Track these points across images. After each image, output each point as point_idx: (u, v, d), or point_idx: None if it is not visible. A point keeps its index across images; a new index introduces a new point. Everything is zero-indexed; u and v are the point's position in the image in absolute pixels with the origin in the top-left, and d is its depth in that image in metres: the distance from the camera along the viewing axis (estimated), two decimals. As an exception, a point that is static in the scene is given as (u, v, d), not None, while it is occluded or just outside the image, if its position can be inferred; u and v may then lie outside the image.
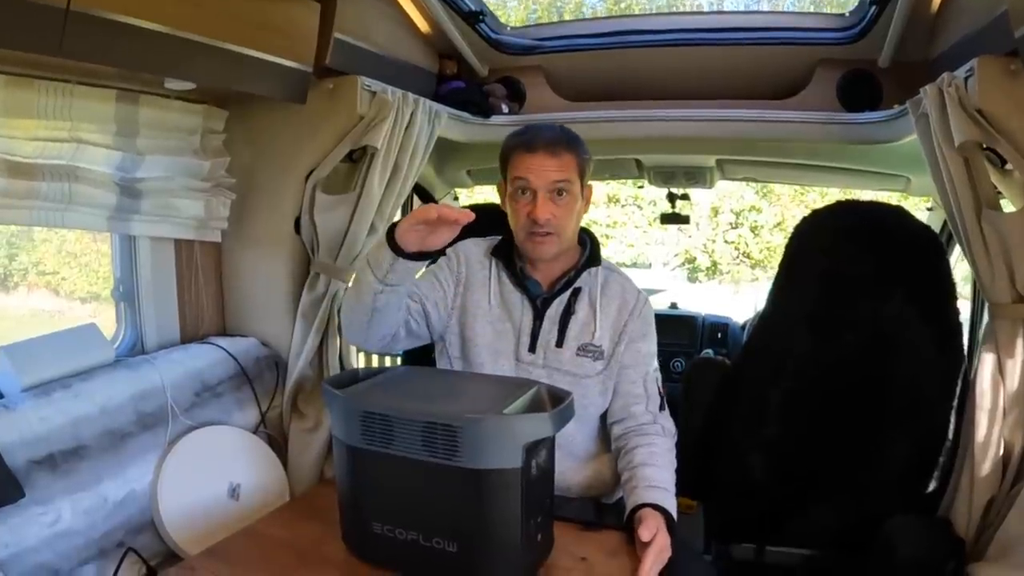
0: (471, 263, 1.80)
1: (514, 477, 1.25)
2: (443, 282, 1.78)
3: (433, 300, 1.75)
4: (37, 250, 6.81)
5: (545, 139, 1.66)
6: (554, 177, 1.64)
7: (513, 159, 1.69)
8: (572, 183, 1.67)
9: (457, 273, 1.79)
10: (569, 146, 1.68)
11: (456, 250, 1.81)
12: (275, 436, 2.13)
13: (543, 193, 1.65)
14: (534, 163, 1.65)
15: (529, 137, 1.68)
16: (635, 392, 1.72)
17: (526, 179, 1.66)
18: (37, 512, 1.51)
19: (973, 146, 1.65)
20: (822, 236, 2.05)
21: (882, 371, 1.98)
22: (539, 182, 1.65)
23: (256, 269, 2.20)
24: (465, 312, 1.76)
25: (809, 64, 2.43)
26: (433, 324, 1.76)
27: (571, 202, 1.68)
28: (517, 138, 1.71)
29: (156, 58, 1.58)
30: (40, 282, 6.99)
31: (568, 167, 1.66)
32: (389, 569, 1.34)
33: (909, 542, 1.79)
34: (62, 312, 6.77)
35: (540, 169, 1.65)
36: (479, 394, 1.45)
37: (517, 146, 1.69)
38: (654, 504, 1.50)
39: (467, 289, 1.78)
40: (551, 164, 1.65)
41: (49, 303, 6.95)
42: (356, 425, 1.32)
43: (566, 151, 1.66)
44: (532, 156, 1.65)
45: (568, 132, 1.72)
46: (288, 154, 2.09)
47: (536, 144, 1.66)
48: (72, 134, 1.68)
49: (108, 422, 1.70)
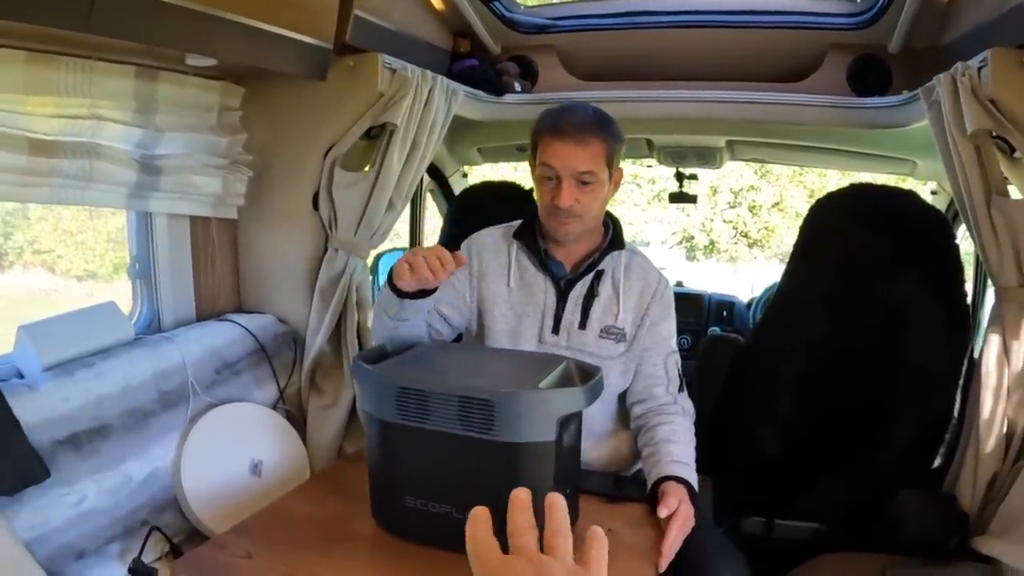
0: (484, 255, 1.79)
1: (548, 450, 1.27)
2: (457, 283, 1.77)
3: (449, 302, 1.76)
4: (33, 228, 6.74)
5: (574, 125, 1.62)
6: (579, 167, 1.61)
7: (541, 143, 1.66)
8: (599, 172, 1.63)
9: (470, 268, 1.78)
10: (599, 132, 1.63)
11: (469, 245, 1.81)
12: (294, 412, 2.14)
13: (567, 180, 1.62)
14: (560, 150, 1.62)
15: (559, 121, 1.64)
16: (656, 374, 1.74)
17: (551, 166, 1.63)
18: (62, 492, 1.52)
19: (984, 134, 1.69)
20: (837, 218, 2.09)
21: (894, 350, 2.02)
22: (564, 170, 1.62)
23: (273, 246, 2.21)
24: (484, 301, 1.77)
25: (820, 48, 2.45)
26: (455, 323, 1.79)
27: (597, 189, 1.65)
28: (547, 121, 1.67)
29: (180, 34, 1.57)
30: (36, 260, 6.91)
31: (596, 156, 1.62)
32: (419, 543, 1.35)
33: (916, 516, 1.84)
34: (58, 291, 6.72)
35: (566, 157, 1.61)
36: (511, 369, 1.46)
37: (546, 130, 1.65)
38: (677, 477, 1.53)
39: (482, 281, 1.77)
40: (577, 154, 1.61)
41: (45, 282, 6.89)
42: (390, 400, 1.33)
43: (595, 138, 1.62)
44: (559, 142, 1.62)
45: (601, 116, 1.67)
46: (307, 131, 2.09)
47: (565, 130, 1.62)
48: (92, 111, 1.67)
49: (130, 401, 1.71)
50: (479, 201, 2.87)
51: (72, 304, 1.85)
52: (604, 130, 1.64)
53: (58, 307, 1.90)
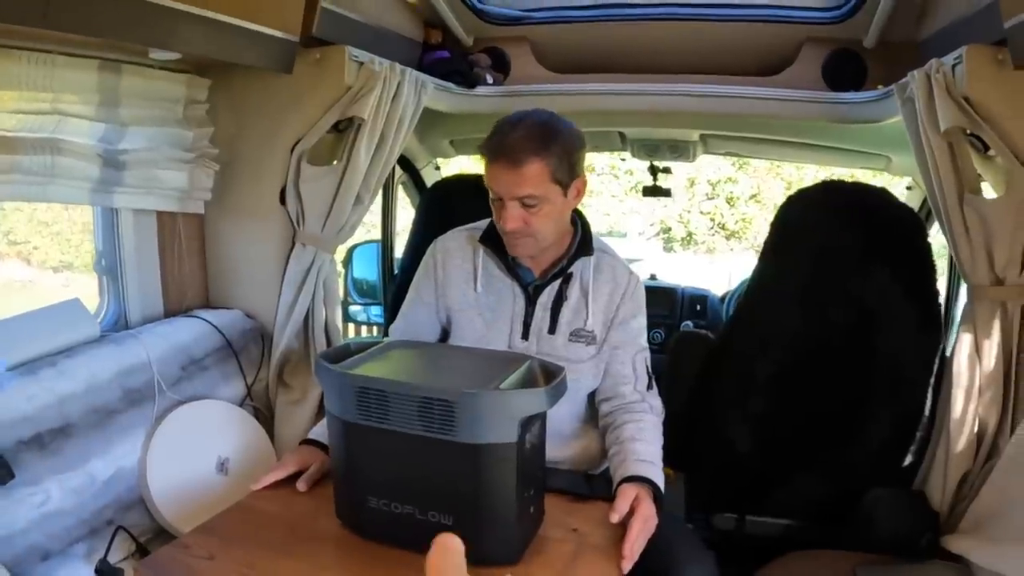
0: (449, 261, 1.76)
1: (509, 451, 1.26)
2: (424, 296, 1.78)
3: (423, 321, 1.77)
4: (8, 219, 6.67)
5: (511, 146, 1.52)
6: (517, 192, 1.54)
7: (485, 162, 1.58)
8: (542, 193, 1.55)
9: (436, 276, 1.76)
10: (539, 152, 1.52)
11: (434, 251, 1.79)
12: (261, 409, 2.13)
13: (509, 203, 1.56)
14: (497, 173, 1.55)
15: (496, 142, 1.56)
16: (624, 372, 1.73)
17: (492, 188, 1.58)
18: (26, 493, 1.50)
19: (958, 132, 1.69)
20: (810, 214, 2.09)
21: (866, 347, 2.03)
22: (505, 194, 1.55)
23: (240, 240, 2.19)
24: (451, 309, 1.75)
25: (795, 42, 2.43)
26: (438, 332, 1.80)
27: (545, 209, 1.57)
28: (489, 139, 1.58)
29: (141, 28, 1.54)
30: (11, 252, 6.85)
31: (536, 177, 1.53)
32: (383, 543, 1.35)
33: (887, 514, 1.85)
34: (34, 282, 6.65)
35: (503, 181, 1.54)
36: (473, 369, 1.45)
37: (485, 149, 1.58)
38: (640, 476, 1.52)
39: (447, 288, 1.75)
40: (514, 179, 1.53)
41: (21, 272, 6.82)
42: (352, 400, 1.32)
43: (533, 158, 1.52)
44: (495, 165, 1.55)
45: (546, 130, 1.55)
46: (273, 124, 2.07)
47: (501, 152, 1.54)
48: (54, 106, 1.64)
49: (95, 399, 1.68)
50: (451, 194, 2.85)
51: (48, 295, 1.82)
52: (545, 148, 1.53)
53: (34, 298, 1.86)
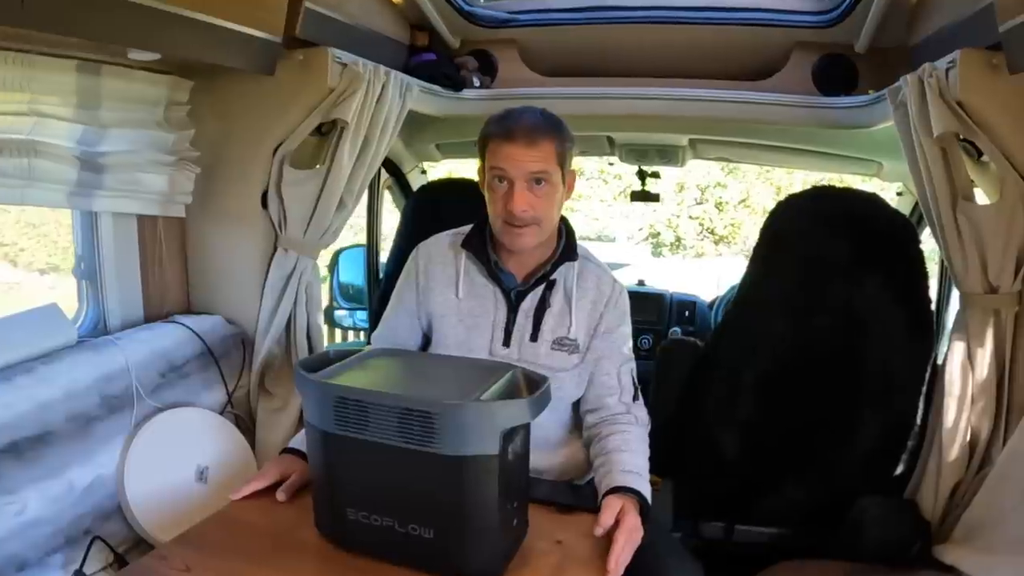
0: (431, 267, 1.75)
1: (491, 463, 1.23)
2: (406, 302, 1.76)
3: (405, 327, 1.77)
4: (-6, 221, 6.60)
5: (524, 126, 1.58)
6: (531, 168, 1.57)
7: (490, 146, 1.61)
8: (552, 172, 1.60)
9: (417, 282, 1.75)
10: (549, 133, 1.60)
11: (416, 256, 1.78)
12: (242, 416, 2.10)
13: (520, 183, 1.58)
14: (511, 152, 1.58)
15: (507, 124, 1.60)
16: (609, 384, 1.71)
17: (503, 168, 1.59)
18: (3, 502, 1.48)
19: (951, 137, 1.67)
20: (799, 221, 2.08)
21: (855, 354, 2.02)
22: (516, 172, 1.58)
23: (222, 245, 2.15)
24: (432, 315, 1.74)
25: (785, 46, 2.43)
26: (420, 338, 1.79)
27: (551, 192, 1.61)
28: (495, 125, 1.63)
29: (121, 28, 1.51)
30: (-2, 254, 6.79)
31: (547, 156, 1.59)
32: (363, 555, 1.32)
33: (877, 522, 1.84)
34: (20, 284, 6.62)
35: (517, 159, 1.57)
36: (455, 379, 1.42)
37: (495, 133, 1.61)
38: (626, 487, 1.50)
39: (429, 294, 1.74)
40: (529, 154, 1.57)
41: (7, 274, 6.78)
42: (330, 411, 1.29)
43: (546, 139, 1.59)
44: (510, 144, 1.58)
45: (550, 117, 1.64)
46: (255, 127, 2.04)
47: (514, 131, 1.58)
48: (32, 107, 1.61)
49: (73, 406, 1.66)
50: (437, 198, 2.83)
51: (35, 297, 1.80)
52: (554, 130, 1.61)
53: (20, 300, 1.84)
